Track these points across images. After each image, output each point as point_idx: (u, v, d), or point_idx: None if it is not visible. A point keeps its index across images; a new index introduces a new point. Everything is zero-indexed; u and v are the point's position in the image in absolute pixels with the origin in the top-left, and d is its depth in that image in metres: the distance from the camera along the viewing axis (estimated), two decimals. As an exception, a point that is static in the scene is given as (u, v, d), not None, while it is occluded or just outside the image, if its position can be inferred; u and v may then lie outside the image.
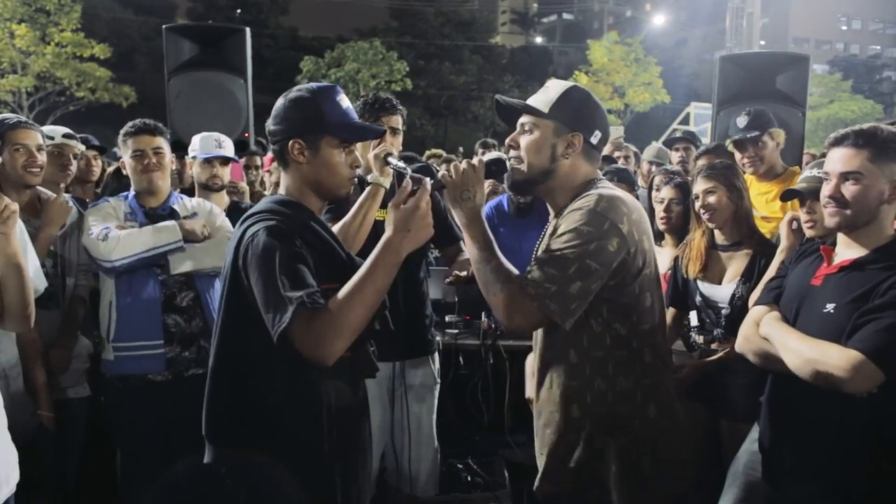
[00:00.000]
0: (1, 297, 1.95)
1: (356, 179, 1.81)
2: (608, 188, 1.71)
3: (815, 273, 1.83)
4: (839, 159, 1.73)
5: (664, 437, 1.71)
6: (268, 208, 1.70)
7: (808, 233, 2.20)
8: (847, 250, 1.79)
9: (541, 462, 1.84)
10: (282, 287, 1.51)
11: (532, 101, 1.78)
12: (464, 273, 2.33)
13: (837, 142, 1.75)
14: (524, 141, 1.76)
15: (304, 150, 1.69)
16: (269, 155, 4.67)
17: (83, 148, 3.27)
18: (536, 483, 1.84)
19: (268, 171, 4.78)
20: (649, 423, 1.69)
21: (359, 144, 2.61)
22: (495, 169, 1.77)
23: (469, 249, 1.74)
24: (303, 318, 1.49)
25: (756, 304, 1.99)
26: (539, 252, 1.72)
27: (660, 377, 1.73)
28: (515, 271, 1.71)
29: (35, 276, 2.35)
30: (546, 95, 1.76)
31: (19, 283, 1.95)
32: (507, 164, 1.79)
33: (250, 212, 1.73)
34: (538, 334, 1.82)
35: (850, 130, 1.74)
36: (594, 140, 1.75)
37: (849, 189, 1.71)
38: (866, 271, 1.71)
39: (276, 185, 4.40)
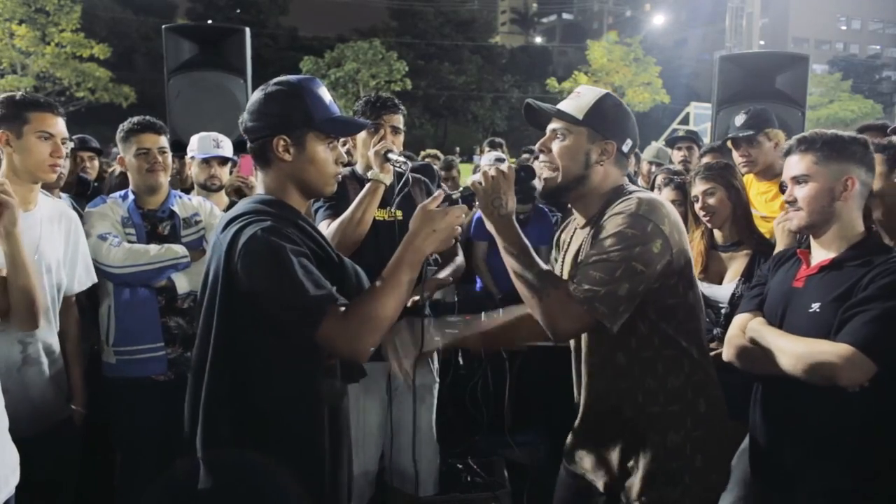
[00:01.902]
0: (7, 295, 1.94)
1: (351, 173, 1.79)
2: (643, 191, 1.72)
3: (795, 276, 1.87)
4: (790, 166, 1.84)
5: (713, 431, 1.73)
6: (254, 209, 1.60)
7: (790, 225, 2.23)
8: (822, 251, 1.84)
9: (592, 461, 1.81)
10: (305, 287, 1.47)
11: (564, 106, 1.76)
12: (415, 298, 2.24)
13: (788, 152, 1.87)
14: (557, 147, 1.74)
15: (290, 147, 1.60)
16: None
17: (70, 146, 3.22)
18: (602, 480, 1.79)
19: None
20: (700, 418, 1.71)
21: (360, 143, 2.65)
22: (524, 175, 1.75)
23: (505, 258, 1.71)
24: (336, 316, 1.48)
25: (739, 312, 2.02)
26: (582, 258, 1.70)
27: (707, 372, 1.75)
28: (558, 275, 1.72)
29: (82, 272, 2.38)
30: (579, 101, 1.74)
31: (25, 283, 1.92)
32: (537, 170, 1.79)
33: (234, 214, 1.62)
34: (581, 340, 1.81)
35: (794, 139, 1.86)
36: (625, 148, 1.75)
37: (800, 191, 1.81)
38: (845, 269, 1.75)
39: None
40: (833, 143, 1.78)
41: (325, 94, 1.66)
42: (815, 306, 1.75)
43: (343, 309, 1.50)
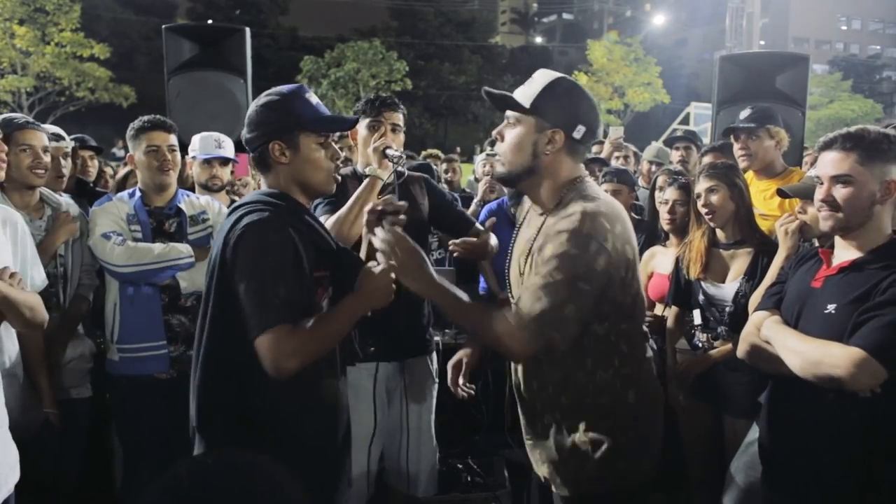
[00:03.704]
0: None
1: (352, 172, 1.82)
2: (591, 196, 1.67)
3: (814, 276, 1.83)
4: (829, 163, 1.75)
5: (642, 418, 1.76)
6: (259, 199, 1.71)
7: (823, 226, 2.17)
8: (845, 252, 1.79)
9: (538, 451, 1.87)
10: (271, 292, 1.55)
11: (517, 93, 1.74)
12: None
13: (826, 146, 1.76)
14: (508, 135, 1.75)
15: (285, 150, 1.71)
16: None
17: (70, 146, 3.23)
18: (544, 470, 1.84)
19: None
20: (628, 408, 1.74)
21: (360, 141, 2.65)
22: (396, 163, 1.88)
23: (444, 309, 1.74)
24: (284, 331, 1.54)
25: (757, 309, 1.99)
26: (529, 272, 1.70)
27: (639, 366, 1.78)
28: (494, 307, 1.74)
29: (35, 271, 2.36)
30: (530, 88, 1.72)
31: (17, 313, 1.91)
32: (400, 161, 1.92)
33: (241, 202, 1.74)
34: None
35: (838, 134, 1.76)
36: (577, 135, 1.69)
37: (840, 192, 1.72)
38: (865, 271, 1.71)
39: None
40: (879, 142, 1.70)
41: (313, 98, 1.77)
42: (831, 308, 1.72)
43: (295, 327, 1.56)
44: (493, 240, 2.77)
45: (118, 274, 2.56)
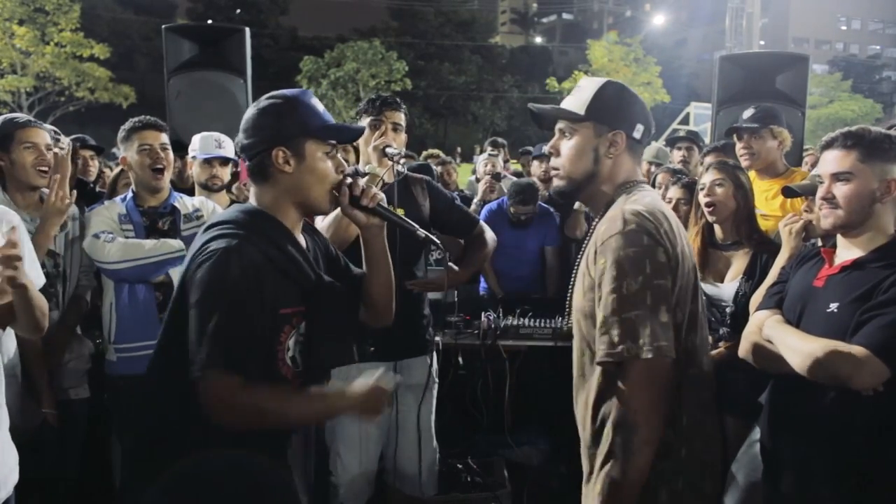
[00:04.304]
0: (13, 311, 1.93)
1: (353, 171, 1.76)
2: (635, 197, 1.61)
3: (816, 275, 1.83)
4: (830, 161, 1.76)
5: (696, 439, 1.59)
6: (236, 219, 1.57)
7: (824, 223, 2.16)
8: (847, 251, 1.79)
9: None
10: (222, 332, 1.41)
11: (566, 103, 1.70)
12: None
13: (828, 144, 1.77)
14: (564, 147, 1.68)
15: (290, 158, 1.56)
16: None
17: (67, 146, 3.22)
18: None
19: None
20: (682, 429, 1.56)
21: (361, 140, 2.65)
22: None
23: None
24: (228, 382, 1.41)
25: (758, 308, 1.99)
26: (600, 298, 1.51)
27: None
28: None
29: (33, 273, 2.35)
30: (581, 96, 1.67)
31: (28, 306, 1.90)
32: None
33: (217, 219, 1.61)
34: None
35: (839, 133, 1.77)
36: (637, 135, 1.65)
37: (840, 189, 1.73)
38: (867, 270, 1.71)
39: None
40: (880, 141, 1.71)
41: (318, 104, 1.65)
42: (833, 307, 1.72)
43: (241, 382, 1.41)
44: (491, 237, 2.80)
45: (112, 271, 2.55)
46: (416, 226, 1.74)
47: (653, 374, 1.44)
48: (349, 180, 1.66)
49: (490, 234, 2.84)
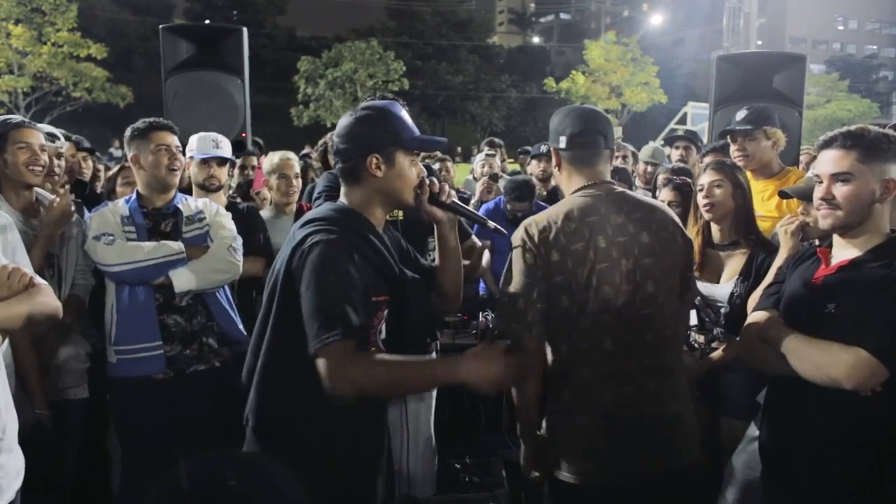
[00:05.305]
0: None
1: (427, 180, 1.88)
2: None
3: (813, 275, 1.82)
4: (829, 161, 1.74)
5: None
6: (329, 216, 1.75)
7: (823, 224, 2.17)
8: (843, 251, 1.79)
9: None
10: (337, 310, 1.58)
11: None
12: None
13: (827, 144, 1.76)
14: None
15: (382, 164, 1.75)
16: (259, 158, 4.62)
17: (64, 146, 3.22)
18: None
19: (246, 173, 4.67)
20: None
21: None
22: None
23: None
24: (346, 353, 1.57)
25: (755, 309, 1.98)
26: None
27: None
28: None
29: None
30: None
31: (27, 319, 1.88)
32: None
33: (311, 216, 1.78)
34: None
35: (838, 132, 1.75)
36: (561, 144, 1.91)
37: (840, 190, 1.71)
38: (864, 270, 1.70)
39: (240, 185, 4.39)
40: (879, 141, 1.69)
41: (406, 115, 1.83)
42: (831, 307, 1.71)
43: (354, 349, 1.59)
44: (486, 256, 2.80)
45: (111, 273, 2.56)
46: (486, 219, 1.92)
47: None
48: (428, 181, 1.85)
49: (481, 251, 2.86)
